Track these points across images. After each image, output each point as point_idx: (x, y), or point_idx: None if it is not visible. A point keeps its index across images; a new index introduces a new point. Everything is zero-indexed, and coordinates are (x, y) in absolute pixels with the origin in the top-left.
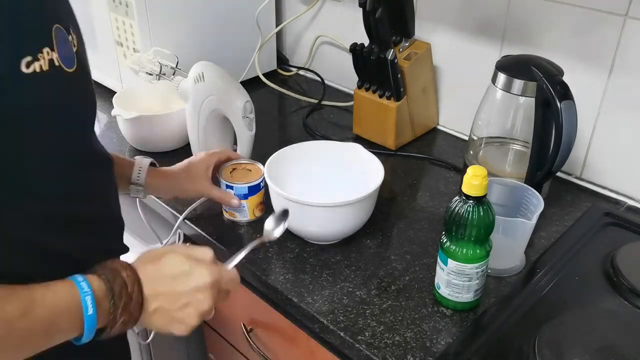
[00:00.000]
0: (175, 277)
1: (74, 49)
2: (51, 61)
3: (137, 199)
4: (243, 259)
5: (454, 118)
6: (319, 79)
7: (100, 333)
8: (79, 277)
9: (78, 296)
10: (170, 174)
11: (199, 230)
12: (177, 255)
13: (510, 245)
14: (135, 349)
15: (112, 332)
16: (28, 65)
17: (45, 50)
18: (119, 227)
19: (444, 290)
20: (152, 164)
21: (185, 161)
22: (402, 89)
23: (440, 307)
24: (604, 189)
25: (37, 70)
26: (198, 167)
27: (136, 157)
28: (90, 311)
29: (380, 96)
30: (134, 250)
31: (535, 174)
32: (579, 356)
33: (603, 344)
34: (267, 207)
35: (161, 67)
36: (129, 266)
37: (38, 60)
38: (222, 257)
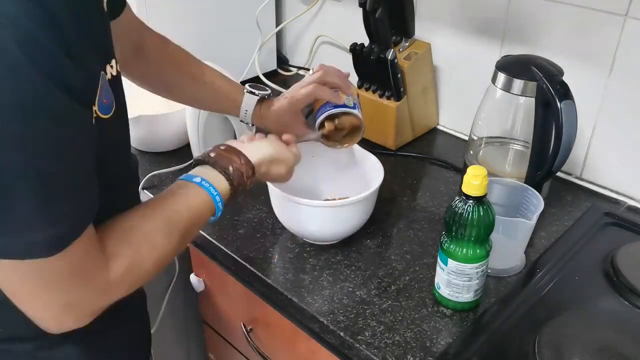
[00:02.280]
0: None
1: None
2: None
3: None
4: None
5: (454, 118)
6: None
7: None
8: (203, 182)
9: (208, 196)
10: (277, 107)
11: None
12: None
13: (510, 245)
14: None
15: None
16: None
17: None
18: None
19: (444, 290)
20: (260, 99)
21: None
22: (402, 89)
23: (440, 307)
24: (604, 189)
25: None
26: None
27: (244, 96)
28: (219, 202)
29: (380, 96)
30: None
31: (535, 174)
32: (579, 356)
33: (603, 344)
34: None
35: None
36: (240, 154)
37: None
38: (221, 257)
